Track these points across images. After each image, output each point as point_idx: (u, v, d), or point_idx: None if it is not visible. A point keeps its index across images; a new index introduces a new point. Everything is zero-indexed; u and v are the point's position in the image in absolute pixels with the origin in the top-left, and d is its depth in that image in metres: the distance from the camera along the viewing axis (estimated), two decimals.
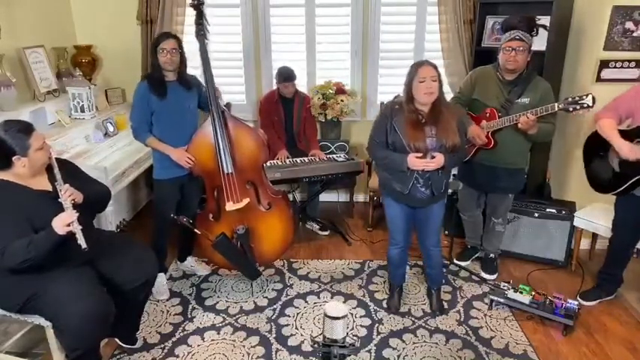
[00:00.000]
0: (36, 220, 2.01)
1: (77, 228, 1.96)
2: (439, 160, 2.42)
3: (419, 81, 2.37)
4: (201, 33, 2.82)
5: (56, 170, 2.10)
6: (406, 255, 2.85)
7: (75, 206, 2.03)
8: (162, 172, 2.86)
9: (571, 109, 2.60)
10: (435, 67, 2.41)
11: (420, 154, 2.42)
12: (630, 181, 2.60)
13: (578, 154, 3.41)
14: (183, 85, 2.79)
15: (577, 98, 2.59)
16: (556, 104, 2.62)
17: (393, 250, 2.77)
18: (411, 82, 2.42)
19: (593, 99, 2.56)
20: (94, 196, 2.23)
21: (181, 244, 3.23)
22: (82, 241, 1.95)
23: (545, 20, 3.24)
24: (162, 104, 2.72)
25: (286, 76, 3.62)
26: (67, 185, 2.06)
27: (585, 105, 2.57)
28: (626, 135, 2.57)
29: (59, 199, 2.02)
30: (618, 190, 2.68)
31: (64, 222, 1.93)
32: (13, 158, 2.00)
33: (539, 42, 3.26)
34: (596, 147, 2.75)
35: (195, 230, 2.82)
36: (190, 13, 3.91)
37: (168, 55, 2.68)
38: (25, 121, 2.18)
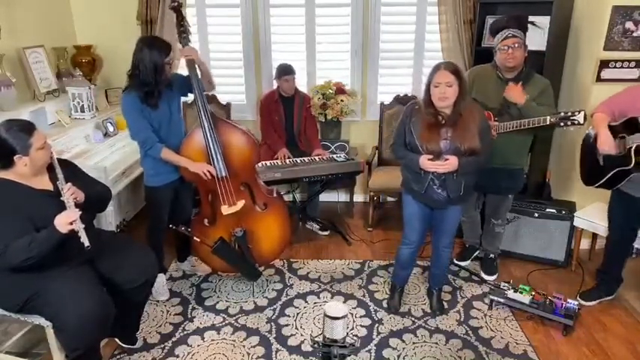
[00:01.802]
0: (37, 219, 2.01)
1: (80, 226, 1.96)
2: (452, 162, 2.40)
3: (434, 85, 2.37)
4: (183, 36, 2.76)
5: (58, 169, 2.10)
6: (415, 257, 2.83)
7: (77, 205, 2.03)
8: (157, 178, 2.80)
9: (562, 124, 2.63)
10: (454, 72, 2.34)
11: (430, 156, 2.42)
12: (608, 175, 2.64)
13: (579, 154, 3.42)
14: (168, 87, 2.73)
15: (569, 114, 2.61)
16: (548, 117, 2.64)
17: (405, 249, 2.76)
18: (429, 85, 2.41)
19: (585, 116, 2.59)
20: (95, 196, 2.23)
21: (180, 244, 3.23)
22: (85, 239, 1.95)
23: (545, 20, 3.24)
24: (155, 113, 2.67)
25: (286, 69, 3.63)
26: (70, 184, 2.07)
27: (576, 122, 2.60)
28: (612, 129, 2.61)
29: (61, 198, 2.02)
30: (599, 183, 2.72)
31: (67, 220, 1.94)
32: (15, 157, 2.01)
33: (539, 42, 3.26)
34: (590, 141, 2.77)
35: (195, 238, 2.82)
36: (190, 13, 3.95)
37: (173, 68, 2.67)
38: (27, 121, 2.18)
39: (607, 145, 2.57)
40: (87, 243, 1.95)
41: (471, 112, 2.45)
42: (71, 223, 1.94)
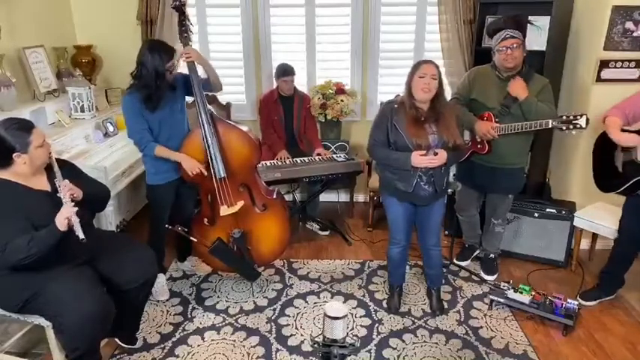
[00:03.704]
0: (36, 219, 2.01)
1: (75, 220, 1.95)
2: (442, 156, 2.43)
3: (419, 76, 2.40)
4: (184, 35, 2.77)
5: (56, 167, 2.10)
6: (406, 254, 2.84)
7: (74, 202, 2.02)
8: (158, 177, 2.81)
9: (564, 127, 2.63)
10: (437, 67, 2.44)
11: (423, 152, 2.43)
12: (631, 182, 2.61)
13: (579, 154, 3.42)
14: (170, 89, 2.73)
15: (571, 117, 2.61)
16: (550, 121, 2.65)
17: (394, 249, 2.77)
18: (412, 78, 2.44)
19: (587, 120, 2.59)
20: (94, 195, 2.23)
21: (180, 244, 3.22)
22: (79, 232, 1.94)
23: (545, 20, 3.24)
24: (155, 115, 2.67)
25: (286, 70, 3.63)
26: (67, 180, 2.07)
27: (578, 126, 2.60)
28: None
29: (58, 194, 2.02)
30: (619, 190, 2.69)
31: (64, 215, 1.94)
32: (14, 155, 2.01)
33: (539, 42, 3.26)
34: (604, 146, 2.75)
35: (192, 238, 2.82)
36: (190, 13, 3.93)
37: (174, 70, 2.67)
38: (25, 119, 2.19)
39: (632, 139, 2.54)
40: (82, 235, 1.93)
41: (448, 109, 2.52)
42: (68, 219, 1.94)
